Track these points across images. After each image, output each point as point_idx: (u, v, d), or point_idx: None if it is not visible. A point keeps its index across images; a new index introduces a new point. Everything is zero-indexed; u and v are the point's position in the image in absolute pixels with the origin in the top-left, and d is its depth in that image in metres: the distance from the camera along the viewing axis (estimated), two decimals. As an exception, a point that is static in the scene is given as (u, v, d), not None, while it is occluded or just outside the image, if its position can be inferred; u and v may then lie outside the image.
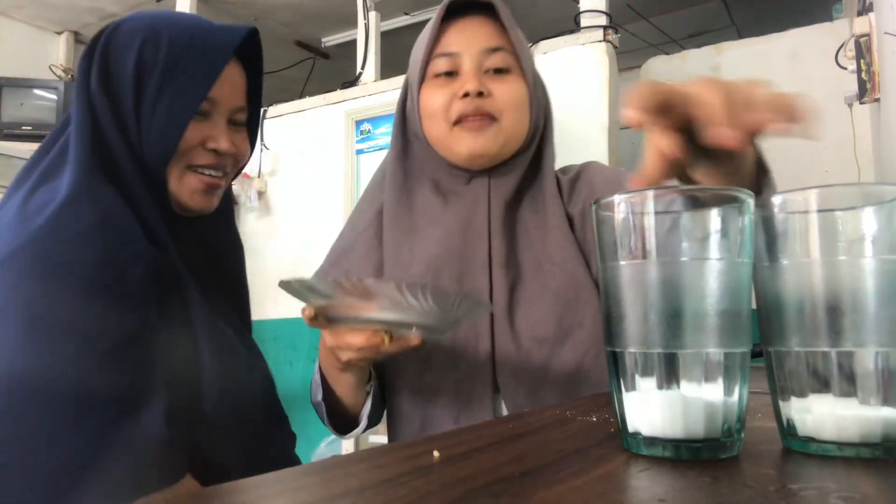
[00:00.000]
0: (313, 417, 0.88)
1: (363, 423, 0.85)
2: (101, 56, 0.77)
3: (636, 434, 0.35)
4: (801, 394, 0.35)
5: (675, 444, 0.34)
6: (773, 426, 0.37)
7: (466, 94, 0.83)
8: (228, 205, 0.94)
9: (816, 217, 0.34)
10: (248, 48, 0.84)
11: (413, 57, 0.91)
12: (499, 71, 0.85)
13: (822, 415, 0.34)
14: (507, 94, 0.85)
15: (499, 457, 0.35)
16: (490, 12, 0.88)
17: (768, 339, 0.36)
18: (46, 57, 3.21)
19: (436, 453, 0.35)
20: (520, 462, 0.33)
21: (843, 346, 0.33)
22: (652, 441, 0.34)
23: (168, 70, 0.75)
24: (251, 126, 0.88)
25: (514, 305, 0.83)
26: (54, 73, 3.17)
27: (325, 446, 2.26)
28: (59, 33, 3.29)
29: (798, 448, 0.35)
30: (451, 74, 0.86)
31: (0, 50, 3.05)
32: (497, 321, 0.82)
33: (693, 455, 0.33)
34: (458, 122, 0.84)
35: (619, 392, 0.36)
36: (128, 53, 0.76)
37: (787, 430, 0.36)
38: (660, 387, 0.34)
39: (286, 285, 0.64)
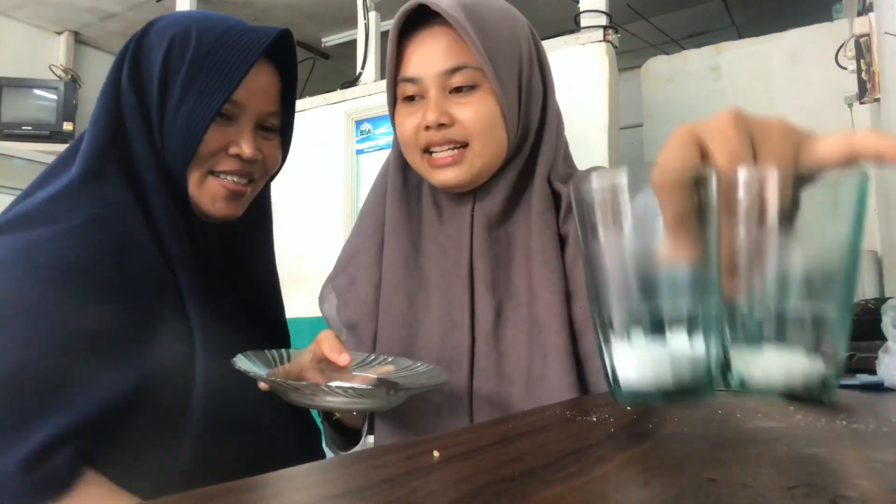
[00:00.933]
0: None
1: (363, 438, 0.85)
2: (133, 54, 0.76)
3: (620, 385, 0.38)
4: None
5: (656, 393, 0.37)
6: (774, 426, 0.38)
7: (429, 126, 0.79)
8: (267, 221, 0.90)
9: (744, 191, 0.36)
10: (283, 51, 0.80)
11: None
12: (464, 89, 0.79)
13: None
14: (473, 117, 0.79)
15: (499, 457, 0.35)
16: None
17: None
18: (46, 57, 3.21)
19: (436, 453, 0.35)
20: (520, 462, 0.33)
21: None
22: (632, 390, 0.38)
23: (194, 71, 0.73)
24: (286, 133, 0.85)
25: (500, 329, 0.80)
26: (54, 73, 3.17)
27: (324, 446, 2.26)
28: (59, 33, 3.29)
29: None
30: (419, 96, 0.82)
31: (0, 50, 3.05)
32: (479, 344, 0.80)
33: (670, 400, 0.37)
34: (428, 150, 0.81)
35: (601, 350, 0.39)
36: (157, 52, 0.74)
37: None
38: (640, 341, 0.37)
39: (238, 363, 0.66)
